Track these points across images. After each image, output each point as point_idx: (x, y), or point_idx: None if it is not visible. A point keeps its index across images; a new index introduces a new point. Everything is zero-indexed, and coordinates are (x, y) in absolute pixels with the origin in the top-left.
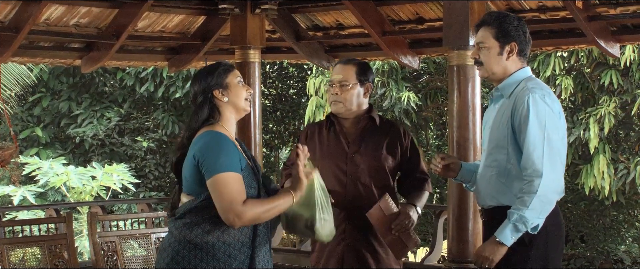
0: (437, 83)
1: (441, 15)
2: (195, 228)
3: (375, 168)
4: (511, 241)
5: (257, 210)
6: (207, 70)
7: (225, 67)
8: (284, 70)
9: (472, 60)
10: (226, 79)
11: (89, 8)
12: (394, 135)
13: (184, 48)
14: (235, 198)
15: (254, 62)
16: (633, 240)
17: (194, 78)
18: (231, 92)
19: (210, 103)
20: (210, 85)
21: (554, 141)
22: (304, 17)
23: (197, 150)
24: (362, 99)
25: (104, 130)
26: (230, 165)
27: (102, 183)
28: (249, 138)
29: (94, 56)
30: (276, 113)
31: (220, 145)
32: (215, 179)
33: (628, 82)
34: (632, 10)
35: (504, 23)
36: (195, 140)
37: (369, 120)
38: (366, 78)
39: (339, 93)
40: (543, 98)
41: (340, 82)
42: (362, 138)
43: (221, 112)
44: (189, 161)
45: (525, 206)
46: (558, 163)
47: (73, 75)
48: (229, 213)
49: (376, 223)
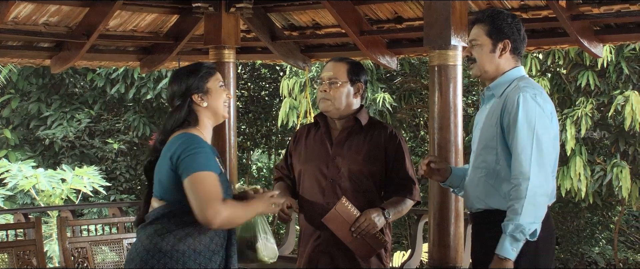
0: (410, 85)
1: (420, 15)
2: (167, 236)
3: (356, 172)
4: (514, 254)
5: (234, 210)
6: (188, 71)
7: (208, 69)
8: (257, 72)
9: (454, 60)
10: (207, 83)
11: (59, 6)
12: (379, 137)
13: (156, 48)
14: (215, 195)
15: (228, 62)
16: (607, 242)
17: (173, 77)
18: (211, 97)
19: (188, 107)
20: (190, 88)
21: (543, 142)
22: (279, 16)
23: (174, 152)
24: (352, 99)
25: (74, 132)
26: (208, 164)
27: (72, 186)
28: (223, 141)
29: (64, 56)
30: (248, 114)
31: (198, 146)
32: (193, 177)
33: (605, 83)
34: (616, 10)
35: (497, 20)
36: (170, 142)
37: (354, 121)
38: (358, 77)
39: (328, 91)
40: (534, 98)
41: (330, 79)
42: (345, 140)
43: (199, 116)
44: (165, 164)
45: (517, 214)
46: (547, 165)
47: (42, 76)
48: (207, 211)
49: (335, 228)
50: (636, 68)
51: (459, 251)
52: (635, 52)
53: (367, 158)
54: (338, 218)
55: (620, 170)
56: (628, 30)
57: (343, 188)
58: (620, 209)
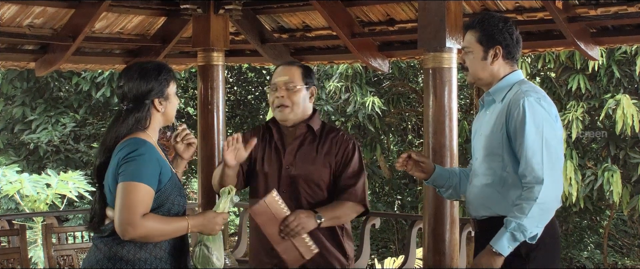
0: (399, 88)
1: (413, 16)
2: (127, 244)
3: (309, 183)
4: (508, 251)
5: (154, 226)
6: (150, 73)
7: (169, 73)
8: (243, 75)
9: (449, 63)
10: (168, 88)
11: (44, 8)
12: (332, 144)
13: (143, 50)
14: (137, 208)
15: (217, 65)
16: (595, 246)
17: (132, 76)
18: (169, 103)
19: (147, 111)
20: (152, 92)
21: (552, 146)
22: (269, 18)
23: (121, 158)
24: (308, 103)
25: (59, 136)
26: (146, 177)
27: (57, 191)
28: (212, 145)
29: (49, 58)
30: (235, 118)
31: (144, 156)
32: (125, 185)
33: (596, 86)
34: (614, 11)
35: (487, 26)
36: (119, 148)
37: (306, 129)
38: (311, 81)
39: (285, 96)
40: (539, 102)
41: (286, 84)
42: (298, 148)
43: (152, 120)
44: (111, 171)
45: (523, 214)
46: (557, 168)
47: (27, 80)
48: (122, 221)
49: (262, 222)
50: (627, 71)
51: (455, 258)
52: (626, 56)
53: (320, 167)
54: (266, 212)
55: (611, 174)
56: (625, 32)
57: (297, 200)
58: (610, 213)
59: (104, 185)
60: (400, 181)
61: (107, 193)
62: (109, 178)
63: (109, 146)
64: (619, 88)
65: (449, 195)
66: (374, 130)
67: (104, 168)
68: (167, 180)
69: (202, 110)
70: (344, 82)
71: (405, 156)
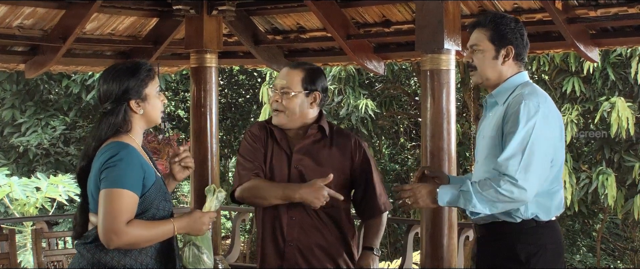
0: (391, 91)
1: (410, 18)
2: (110, 251)
3: None
4: (444, 204)
5: (139, 233)
6: (126, 74)
7: (147, 72)
8: (234, 78)
9: (447, 64)
10: (146, 88)
11: (34, 8)
12: (344, 146)
13: (135, 52)
14: (121, 215)
15: (210, 67)
16: (588, 250)
17: (110, 76)
18: (149, 104)
19: (124, 113)
20: (128, 94)
21: (536, 152)
22: (262, 20)
23: (102, 164)
24: (307, 109)
25: (48, 139)
26: (129, 182)
27: (47, 195)
28: (205, 149)
29: (39, 60)
30: (226, 121)
31: (126, 161)
32: (108, 192)
33: (590, 89)
34: (614, 12)
35: (500, 25)
36: (100, 153)
37: (317, 130)
38: (314, 86)
39: (280, 101)
40: (537, 106)
41: (283, 89)
42: (307, 151)
43: (132, 123)
44: (93, 176)
45: (480, 190)
46: (533, 174)
47: (17, 82)
48: (106, 229)
49: None
50: (622, 74)
51: (453, 263)
52: (621, 58)
53: (333, 170)
54: None
55: (606, 178)
56: (625, 34)
57: None
58: (603, 217)
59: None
60: (392, 185)
61: (90, 199)
62: (91, 183)
63: (88, 151)
64: (614, 91)
65: None
66: (366, 133)
67: (85, 173)
68: (151, 185)
69: (195, 113)
70: (337, 85)
71: (419, 175)
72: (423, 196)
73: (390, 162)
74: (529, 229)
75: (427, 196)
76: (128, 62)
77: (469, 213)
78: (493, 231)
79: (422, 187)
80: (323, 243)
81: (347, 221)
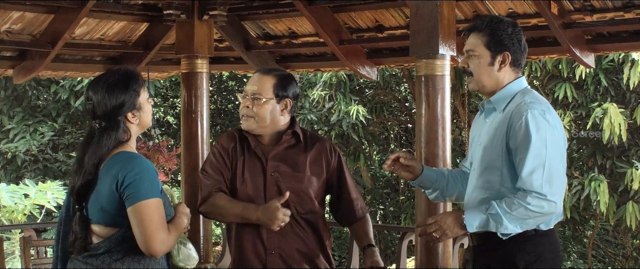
0: (381, 97)
1: (403, 23)
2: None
3: (299, 192)
4: (473, 230)
5: (173, 235)
6: (119, 87)
7: (137, 82)
8: (224, 84)
9: (441, 70)
10: (139, 97)
11: (22, 13)
12: (319, 151)
13: (125, 57)
14: (162, 224)
15: (201, 73)
16: (579, 256)
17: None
18: (143, 112)
19: (122, 125)
20: (125, 107)
21: (554, 164)
22: (254, 25)
23: (122, 179)
24: (278, 116)
25: (37, 145)
26: (154, 190)
27: (35, 202)
28: (197, 156)
29: (27, 65)
30: (216, 127)
31: (145, 171)
32: (138, 206)
33: (582, 95)
34: (610, 17)
35: (497, 30)
36: (109, 164)
37: (291, 136)
38: (285, 93)
39: (250, 107)
40: (543, 115)
41: (253, 95)
42: (282, 157)
43: (130, 132)
44: (106, 188)
45: (509, 210)
46: (557, 185)
47: (4, 88)
48: (154, 241)
49: None
50: (614, 80)
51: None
52: (613, 64)
53: (309, 175)
54: None
55: (598, 184)
56: (621, 39)
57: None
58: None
59: (86, 206)
60: (382, 191)
61: (96, 212)
62: (104, 197)
63: (89, 169)
64: (606, 97)
65: (435, 197)
66: (357, 139)
67: (86, 190)
68: (161, 191)
69: (186, 119)
70: (327, 91)
71: (393, 157)
72: (450, 227)
73: (380, 168)
74: (528, 238)
75: (454, 225)
76: (117, 73)
77: (500, 235)
78: (490, 239)
79: (446, 216)
80: (303, 248)
81: (323, 225)
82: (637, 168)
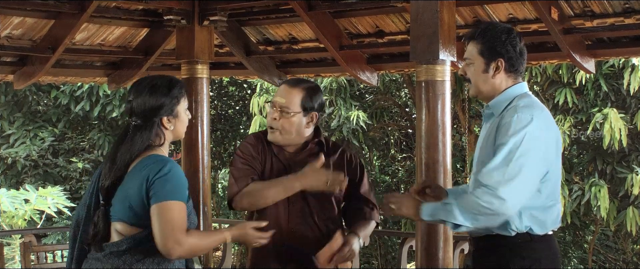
0: (381, 103)
1: (403, 28)
2: (145, 260)
3: (322, 198)
4: (426, 219)
5: (197, 241)
6: (161, 90)
7: (181, 90)
8: (224, 89)
9: (442, 75)
10: (178, 105)
11: (23, 18)
12: (341, 159)
13: (125, 63)
14: (179, 225)
15: (201, 78)
16: (580, 261)
17: (142, 90)
18: (179, 121)
19: (155, 128)
20: (162, 110)
21: (525, 168)
22: (254, 30)
23: (151, 178)
24: (303, 129)
25: (37, 150)
26: (181, 194)
27: (35, 207)
28: (197, 161)
29: (27, 71)
30: (216, 132)
31: (175, 174)
32: (161, 205)
33: (583, 100)
34: (610, 23)
35: (490, 37)
36: (141, 164)
37: (316, 145)
38: (312, 106)
39: (278, 119)
40: (529, 120)
41: (282, 107)
42: (305, 164)
43: (164, 137)
44: (135, 187)
45: (461, 201)
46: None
47: (5, 93)
48: (168, 240)
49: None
50: (614, 85)
51: None
52: (613, 69)
53: None
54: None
55: (598, 189)
56: (621, 44)
57: (307, 214)
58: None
59: (112, 203)
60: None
61: (123, 210)
62: (133, 196)
63: (120, 166)
64: (606, 102)
65: None
66: (357, 144)
67: (113, 188)
68: (188, 197)
69: None
70: (328, 96)
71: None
72: (407, 206)
73: (380, 174)
74: (523, 243)
75: (411, 206)
76: (162, 78)
77: (451, 226)
78: (488, 244)
79: (409, 197)
80: None
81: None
82: (637, 173)
